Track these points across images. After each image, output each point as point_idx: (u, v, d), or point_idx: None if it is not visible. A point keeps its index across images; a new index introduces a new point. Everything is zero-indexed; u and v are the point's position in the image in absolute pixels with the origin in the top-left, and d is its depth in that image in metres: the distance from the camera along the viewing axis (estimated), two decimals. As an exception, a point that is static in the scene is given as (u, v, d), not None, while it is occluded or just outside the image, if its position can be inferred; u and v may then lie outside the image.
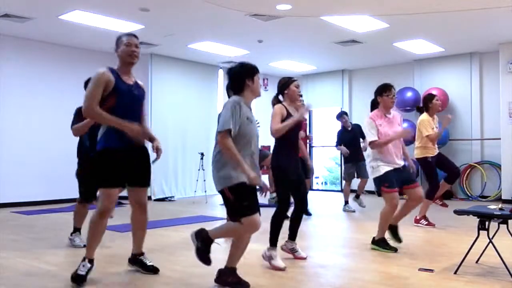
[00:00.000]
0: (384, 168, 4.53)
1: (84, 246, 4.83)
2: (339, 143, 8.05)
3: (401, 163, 4.67)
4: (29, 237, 5.43)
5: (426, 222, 6.07)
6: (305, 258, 4.22)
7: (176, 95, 10.33)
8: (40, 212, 7.59)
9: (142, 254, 3.80)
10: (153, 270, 3.72)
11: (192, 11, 7.08)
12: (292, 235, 4.26)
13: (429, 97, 6.12)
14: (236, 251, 3.31)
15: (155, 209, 8.19)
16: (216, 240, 3.27)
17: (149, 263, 3.76)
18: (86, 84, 4.95)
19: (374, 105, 4.81)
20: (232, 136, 3.10)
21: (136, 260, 3.78)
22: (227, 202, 3.18)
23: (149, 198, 9.76)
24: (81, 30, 7.99)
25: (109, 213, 3.46)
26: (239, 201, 3.10)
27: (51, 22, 7.61)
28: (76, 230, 4.91)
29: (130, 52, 3.53)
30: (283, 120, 3.99)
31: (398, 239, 4.82)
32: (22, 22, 7.54)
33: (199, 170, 9.58)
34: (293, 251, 4.26)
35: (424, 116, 6.01)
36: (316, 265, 4.08)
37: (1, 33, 8.21)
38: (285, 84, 4.19)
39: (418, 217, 6.14)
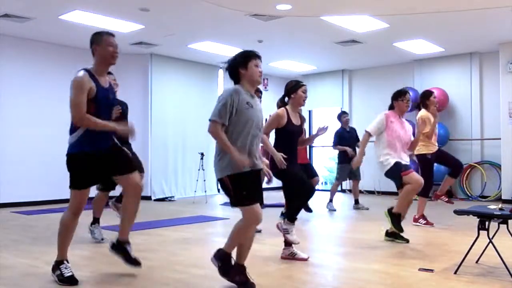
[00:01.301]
0: (394, 159, 4.86)
1: (102, 239, 4.98)
2: (338, 142, 8.03)
3: (407, 160, 5.00)
4: (29, 237, 5.43)
5: (425, 222, 6.06)
6: (306, 259, 4.17)
7: (176, 95, 10.34)
8: (40, 212, 7.59)
9: (129, 242, 3.67)
10: (135, 263, 3.63)
11: (192, 11, 7.08)
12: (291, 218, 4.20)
13: (426, 94, 6.17)
14: (242, 247, 3.29)
15: (155, 209, 8.19)
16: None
17: (133, 256, 3.65)
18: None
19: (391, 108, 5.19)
20: (226, 124, 3.10)
21: (121, 248, 3.64)
22: (227, 191, 3.17)
23: (149, 198, 9.77)
24: (81, 30, 7.98)
25: (80, 212, 3.46)
26: (238, 190, 3.09)
27: (51, 22, 7.61)
28: (96, 220, 5.03)
29: (113, 53, 3.46)
30: (283, 128, 4.11)
31: (399, 228, 4.90)
32: (22, 22, 7.54)
33: (199, 170, 9.58)
34: (292, 255, 4.21)
35: (423, 112, 6.01)
36: (316, 265, 4.08)
37: (1, 33, 8.21)
38: (293, 88, 4.21)
39: (416, 216, 6.13)
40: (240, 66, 3.22)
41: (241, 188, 3.09)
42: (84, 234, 5.05)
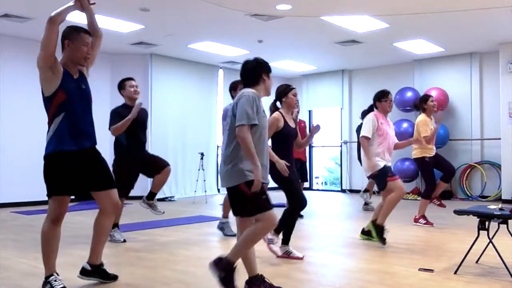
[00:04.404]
0: (382, 162, 4.93)
1: (124, 241, 4.99)
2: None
3: (390, 160, 5.09)
4: (29, 237, 5.43)
5: (425, 221, 6.10)
6: (301, 258, 4.22)
7: (176, 95, 10.33)
8: (40, 212, 7.58)
9: (102, 264, 3.47)
10: (114, 278, 3.47)
11: (192, 11, 7.08)
12: (285, 240, 4.33)
13: (424, 98, 6.24)
14: (250, 258, 3.18)
15: (155, 209, 8.18)
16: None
17: (110, 274, 3.48)
18: (119, 86, 5.44)
19: (369, 111, 5.23)
20: (255, 124, 2.99)
21: (96, 271, 3.44)
22: (242, 200, 3.00)
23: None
24: (81, 30, 7.99)
25: (61, 221, 3.19)
26: (259, 195, 2.95)
27: (51, 22, 7.60)
28: (115, 225, 5.03)
29: (86, 54, 3.36)
30: (280, 131, 4.17)
31: (382, 239, 4.88)
32: (22, 22, 7.54)
33: (199, 170, 9.58)
34: (287, 253, 4.28)
35: (422, 116, 6.09)
36: (316, 265, 4.08)
37: (1, 33, 8.21)
38: (284, 92, 4.31)
39: (417, 216, 6.20)
40: (264, 72, 3.16)
41: (260, 192, 2.96)
42: (87, 232, 5.04)
